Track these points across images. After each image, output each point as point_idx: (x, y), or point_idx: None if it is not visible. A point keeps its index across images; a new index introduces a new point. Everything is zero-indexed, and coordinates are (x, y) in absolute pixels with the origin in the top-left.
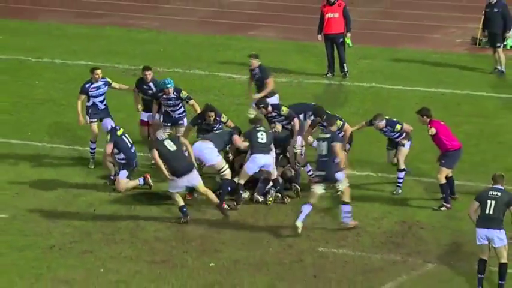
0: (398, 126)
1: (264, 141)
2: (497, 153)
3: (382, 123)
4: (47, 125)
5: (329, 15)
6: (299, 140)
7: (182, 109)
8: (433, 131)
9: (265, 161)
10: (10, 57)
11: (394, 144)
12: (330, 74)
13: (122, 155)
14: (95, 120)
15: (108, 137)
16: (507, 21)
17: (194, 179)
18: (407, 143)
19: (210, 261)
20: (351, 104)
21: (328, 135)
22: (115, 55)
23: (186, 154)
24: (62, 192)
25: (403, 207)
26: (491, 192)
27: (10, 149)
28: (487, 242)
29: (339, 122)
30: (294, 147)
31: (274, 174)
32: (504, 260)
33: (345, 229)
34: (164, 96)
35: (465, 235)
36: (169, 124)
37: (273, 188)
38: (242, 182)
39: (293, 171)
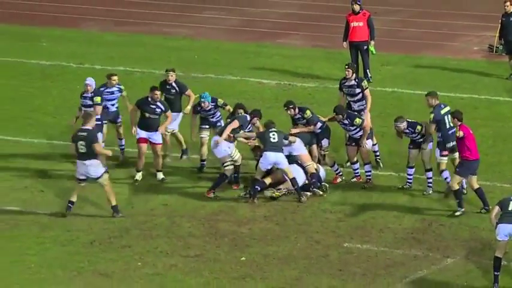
0: (418, 127)
1: (276, 140)
2: None
3: (403, 125)
4: None
5: (354, 23)
6: (326, 141)
7: (218, 113)
8: (460, 133)
9: (275, 158)
10: (53, 63)
11: (416, 145)
12: None
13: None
14: (105, 122)
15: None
16: None
17: (89, 170)
18: (428, 145)
19: (242, 256)
20: (374, 108)
21: (448, 108)
22: (152, 61)
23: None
24: (102, 190)
25: (423, 205)
26: None
27: (53, 150)
28: (507, 239)
29: (359, 120)
30: (323, 149)
31: (291, 172)
32: None
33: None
34: (203, 108)
35: (482, 232)
36: (207, 126)
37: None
38: (258, 177)
39: (316, 166)
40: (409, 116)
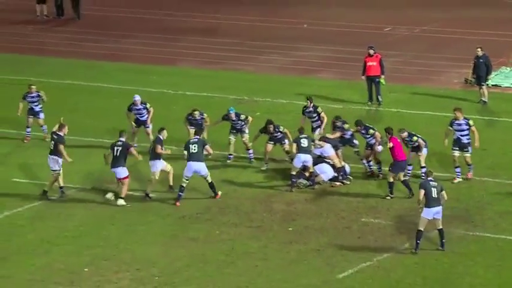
0: (414, 138)
1: (306, 145)
2: (482, 157)
3: (404, 134)
4: (179, 136)
5: (369, 63)
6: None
7: (243, 123)
8: (390, 145)
9: (304, 159)
10: (157, 90)
11: (414, 149)
12: (370, 103)
13: None
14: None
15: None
16: (489, 67)
17: (51, 163)
18: (424, 150)
19: (289, 227)
20: (383, 123)
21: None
22: (225, 89)
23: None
24: (191, 181)
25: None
26: (430, 183)
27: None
28: (431, 218)
29: (372, 131)
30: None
31: (312, 168)
32: (441, 226)
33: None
34: (229, 118)
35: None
36: (234, 131)
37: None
38: (294, 173)
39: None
40: (408, 129)
